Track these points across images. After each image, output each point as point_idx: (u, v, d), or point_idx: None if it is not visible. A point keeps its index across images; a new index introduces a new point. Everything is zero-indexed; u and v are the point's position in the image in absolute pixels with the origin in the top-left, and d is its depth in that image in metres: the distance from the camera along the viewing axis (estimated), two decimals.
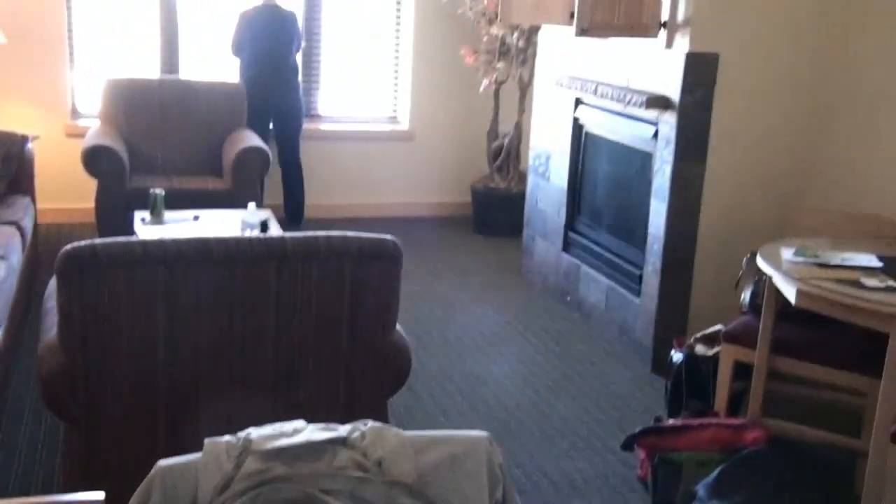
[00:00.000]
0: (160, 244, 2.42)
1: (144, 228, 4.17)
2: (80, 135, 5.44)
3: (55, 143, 5.62)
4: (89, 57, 5.99)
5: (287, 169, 6.02)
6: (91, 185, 5.05)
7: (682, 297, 4.11)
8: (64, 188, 5.64)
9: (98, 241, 2.37)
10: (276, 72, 5.84)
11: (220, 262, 2.44)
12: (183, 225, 4.21)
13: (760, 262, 3.07)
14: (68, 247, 2.34)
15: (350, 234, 2.58)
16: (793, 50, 4.00)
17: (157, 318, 2.41)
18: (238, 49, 5.85)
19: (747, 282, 3.47)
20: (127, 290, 2.37)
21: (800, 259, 2.99)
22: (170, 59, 6.08)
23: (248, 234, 3.98)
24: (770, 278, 3.04)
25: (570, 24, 4.09)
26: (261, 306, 2.48)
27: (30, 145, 4.67)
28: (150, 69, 6.07)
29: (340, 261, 2.53)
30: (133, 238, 2.45)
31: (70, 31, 5.86)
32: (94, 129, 5.38)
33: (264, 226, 4.12)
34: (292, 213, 6.03)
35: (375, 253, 2.57)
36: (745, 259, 3.50)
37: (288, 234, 2.50)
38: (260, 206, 4.85)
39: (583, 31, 3.84)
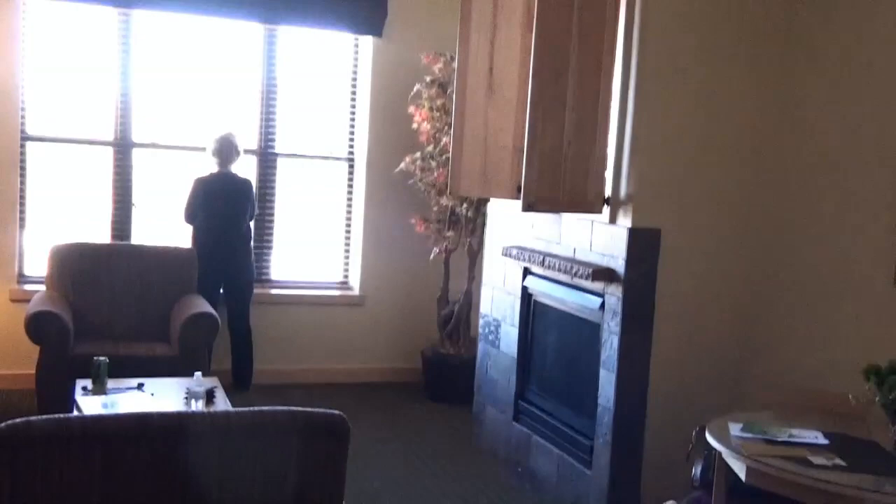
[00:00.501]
0: (98, 420, 2.35)
1: (86, 399, 4.06)
2: (26, 300, 5.37)
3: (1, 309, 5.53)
4: (40, 220, 5.99)
5: (236, 334, 5.98)
6: (35, 350, 4.95)
7: (633, 470, 4.07)
8: (6, 353, 5.51)
9: (33, 418, 2.30)
10: (228, 238, 5.88)
11: (160, 439, 2.37)
12: (126, 395, 4.11)
13: (709, 438, 3.07)
14: (5, 425, 2.26)
15: (296, 409, 2.53)
16: (730, 221, 4.16)
17: (92, 498, 2.31)
18: (191, 215, 5.89)
19: (697, 456, 3.45)
20: (62, 470, 2.28)
21: (748, 435, 3.00)
22: (121, 225, 6.10)
23: (193, 404, 3.89)
24: (719, 454, 3.03)
25: (517, 198, 4.21)
26: (203, 483, 2.39)
27: None
28: (101, 234, 6.07)
29: (286, 437, 2.47)
30: (70, 415, 2.38)
31: (22, 195, 5.88)
32: (39, 294, 5.32)
33: (210, 395, 4.03)
34: (240, 379, 5.94)
35: (323, 429, 2.52)
36: (694, 432, 3.49)
37: (232, 410, 2.45)
38: (207, 373, 4.78)
39: (529, 207, 3.95)
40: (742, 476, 2.85)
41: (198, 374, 4.21)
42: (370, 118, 6.44)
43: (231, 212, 5.88)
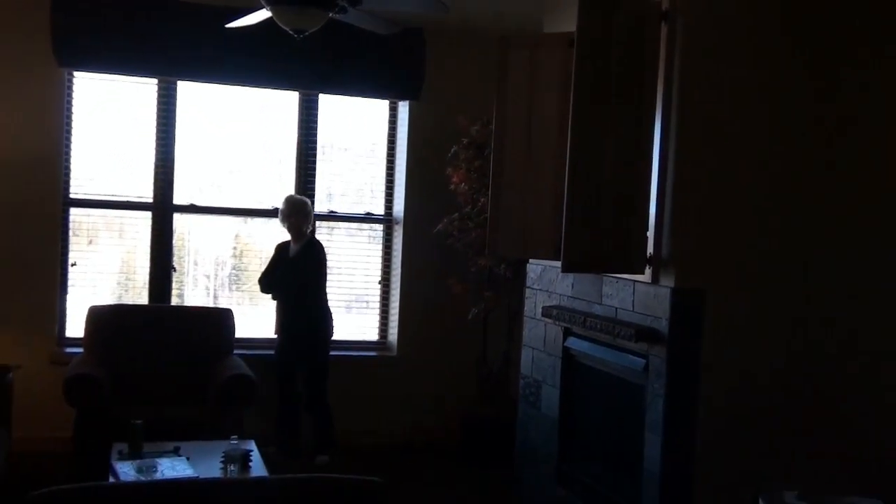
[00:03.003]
0: (134, 489, 2.30)
1: (121, 464, 4.01)
2: (66, 362, 5.38)
3: (39, 371, 5.53)
4: (82, 283, 6.03)
5: (313, 405, 5.88)
6: (72, 412, 4.93)
7: None
8: (47, 416, 5.49)
9: (61, 487, 2.25)
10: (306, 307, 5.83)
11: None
12: (161, 460, 4.06)
13: None
14: (34, 494, 2.22)
15: (335, 476, 2.47)
16: (778, 279, 4.05)
17: None
18: (268, 284, 5.87)
19: None
20: None
21: None
22: (159, 287, 6.11)
23: (228, 469, 3.83)
24: None
25: (556, 258, 4.16)
26: None
27: (10, 376, 4.59)
28: (141, 297, 6.10)
29: None
30: (103, 483, 2.33)
31: (64, 258, 5.93)
32: (78, 357, 5.33)
33: (246, 459, 3.97)
34: (319, 443, 5.86)
35: (359, 496, 2.45)
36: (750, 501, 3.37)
37: (268, 476, 2.39)
38: (242, 435, 4.73)
39: (569, 267, 3.89)
40: None
41: (234, 438, 4.15)
42: (408, 179, 6.46)
43: (306, 280, 5.83)
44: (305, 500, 2.35)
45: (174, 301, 6.14)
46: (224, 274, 6.50)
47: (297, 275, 5.79)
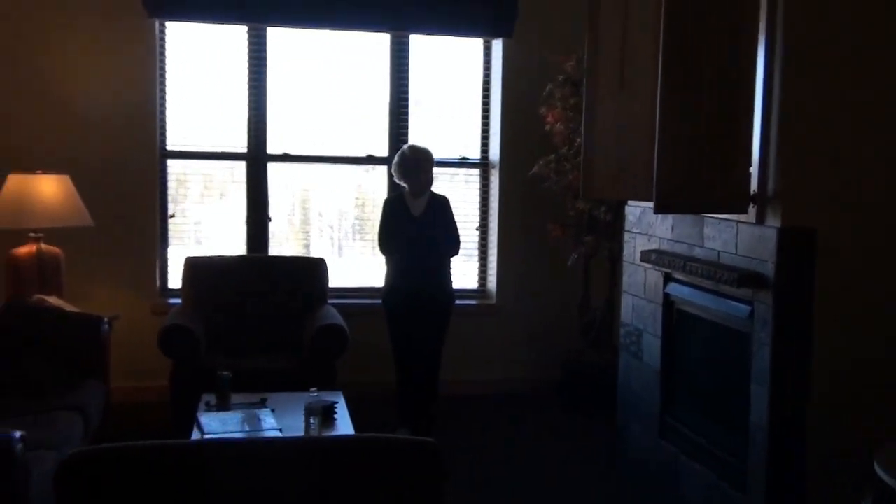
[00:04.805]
0: (166, 448, 2.17)
1: (206, 415, 4.00)
2: (167, 312, 5.43)
3: (142, 322, 5.61)
4: (183, 234, 6.08)
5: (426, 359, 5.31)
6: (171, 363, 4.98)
7: (793, 498, 3.63)
8: (151, 366, 5.56)
9: (105, 445, 2.16)
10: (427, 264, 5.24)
11: (251, 464, 2.19)
12: (245, 411, 4.03)
13: (878, 470, 2.64)
14: (67, 455, 2.13)
15: (386, 436, 2.29)
16: None
17: None
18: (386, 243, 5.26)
19: (868, 489, 3.01)
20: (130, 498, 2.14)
21: None
22: (257, 238, 6.10)
23: (310, 423, 3.75)
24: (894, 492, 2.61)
25: (652, 199, 3.86)
26: None
27: (105, 327, 4.64)
28: (238, 247, 6.10)
29: (375, 464, 2.24)
30: (138, 444, 2.20)
31: (164, 209, 5.98)
32: (176, 308, 5.37)
33: (329, 412, 3.89)
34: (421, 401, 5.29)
35: (413, 458, 2.26)
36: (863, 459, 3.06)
37: (319, 436, 2.25)
38: (333, 386, 4.67)
39: (663, 208, 3.60)
40: None
41: (314, 390, 4.07)
42: (502, 121, 6.22)
43: (438, 240, 5.24)
44: (356, 462, 2.20)
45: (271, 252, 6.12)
46: (347, 224, 6.46)
47: (428, 234, 5.19)
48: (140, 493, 2.12)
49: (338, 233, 6.48)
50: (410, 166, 5.17)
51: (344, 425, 4.01)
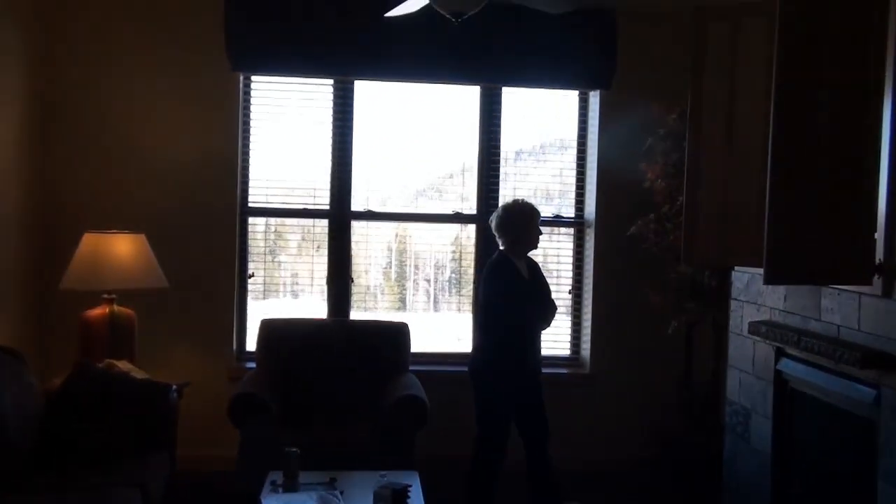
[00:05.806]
0: None
1: (271, 497, 3.71)
2: (242, 378, 5.20)
3: (218, 387, 5.38)
4: (261, 295, 5.88)
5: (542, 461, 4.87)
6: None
7: None
8: (223, 434, 5.33)
9: None
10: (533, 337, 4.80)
11: None
12: (312, 494, 3.73)
13: None
14: None
15: None
16: None
17: None
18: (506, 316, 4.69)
19: None
20: None
21: None
22: (338, 299, 5.85)
23: None
24: None
25: (762, 266, 3.44)
26: None
27: (174, 395, 4.43)
28: (319, 309, 5.86)
29: None
30: None
31: (243, 272, 5.80)
32: (250, 373, 5.15)
33: (400, 498, 3.54)
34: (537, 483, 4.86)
35: None
36: None
37: None
38: (410, 463, 4.34)
39: (773, 277, 3.17)
40: None
41: (384, 474, 3.74)
42: (598, 177, 5.85)
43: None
44: None
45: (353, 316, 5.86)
46: (443, 279, 6.23)
47: (541, 299, 4.75)
48: None
49: (433, 287, 6.22)
50: (525, 221, 4.71)
51: None
